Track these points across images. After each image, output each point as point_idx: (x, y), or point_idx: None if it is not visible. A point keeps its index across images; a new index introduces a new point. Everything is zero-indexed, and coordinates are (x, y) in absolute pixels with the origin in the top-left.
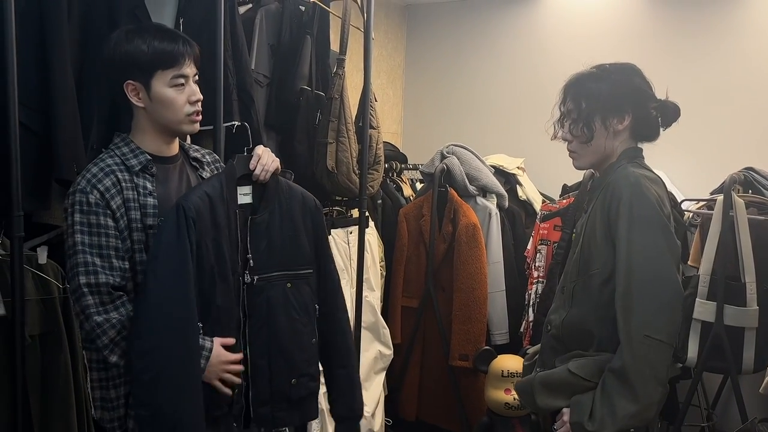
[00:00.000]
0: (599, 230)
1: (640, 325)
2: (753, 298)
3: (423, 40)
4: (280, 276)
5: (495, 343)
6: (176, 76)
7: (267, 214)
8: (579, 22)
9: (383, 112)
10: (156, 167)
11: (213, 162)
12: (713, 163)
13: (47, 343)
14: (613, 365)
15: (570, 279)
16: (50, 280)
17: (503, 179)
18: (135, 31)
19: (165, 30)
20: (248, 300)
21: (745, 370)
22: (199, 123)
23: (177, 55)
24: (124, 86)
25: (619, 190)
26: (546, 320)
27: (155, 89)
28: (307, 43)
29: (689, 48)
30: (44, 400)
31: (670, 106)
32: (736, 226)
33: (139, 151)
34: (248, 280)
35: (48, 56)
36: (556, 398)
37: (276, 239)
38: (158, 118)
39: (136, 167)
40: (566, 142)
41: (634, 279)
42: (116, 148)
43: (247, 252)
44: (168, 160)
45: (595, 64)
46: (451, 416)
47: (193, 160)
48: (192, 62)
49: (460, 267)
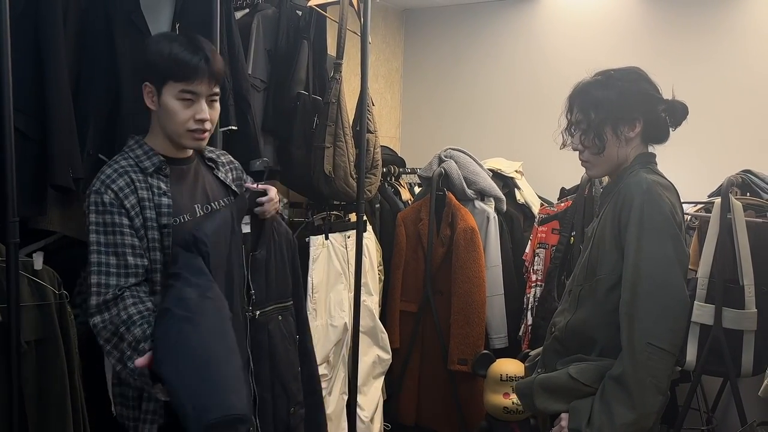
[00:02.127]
0: (609, 235)
1: (643, 332)
2: (751, 301)
3: (421, 44)
4: (274, 309)
5: (494, 347)
6: (185, 90)
7: (264, 250)
8: (577, 26)
9: (381, 116)
10: (170, 168)
11: (228, 163)
12: (711, 166)
13: (43, 348)
14: (614, 372)
15: (577, 282)
16: (46, 286)
17: (501, 183)
18: (167, 37)
19: (191, 42)
20: (251, 335)
21: (743, 373)
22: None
23: (190, 71)
24: (142, 86)
25: (631, 197)
26: (551, 322)
27: (164, 97)
28: (304, 47)
29: (686, 49)
30: (40, 406)
31: (678, 106)
32: (734, 228)
33: (153, 152)
34: (250, 315)
35: (44, 62)
36: (555, 402)
37: (271, 273)
38: (163, 125)
39: (149, 168)
40: (577, 151)
41: (641, 287)
42: (130, 151)
43: (250, 288)
44: (182, 161)
45: (598, 71)
46: (449, 421)
47: (209, 160)
48: (207, 81)
49: (458, 271)
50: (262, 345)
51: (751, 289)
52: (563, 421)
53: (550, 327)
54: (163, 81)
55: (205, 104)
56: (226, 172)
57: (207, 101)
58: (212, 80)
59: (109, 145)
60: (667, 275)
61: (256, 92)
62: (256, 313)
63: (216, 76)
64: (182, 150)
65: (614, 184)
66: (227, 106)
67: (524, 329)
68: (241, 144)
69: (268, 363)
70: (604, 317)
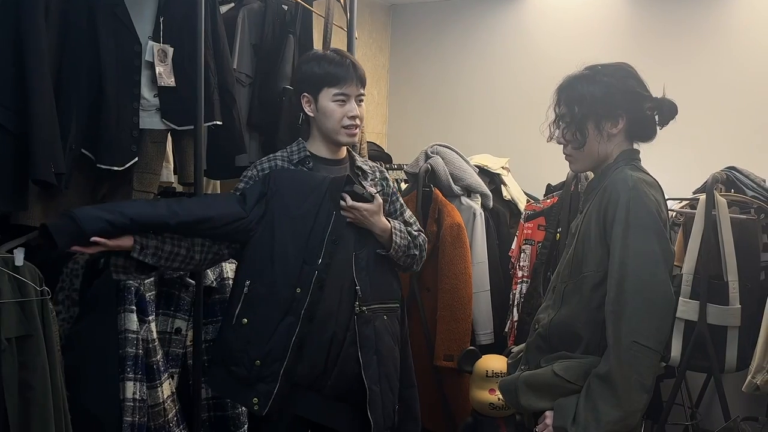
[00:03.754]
0: (594, 232)
1: (629, 330)
2: (735, 297)
3: (408, 40)
4: (380, 308)
5: (480, 343)
6: (338, 93)
7: (365, 251)
8: (564, 23)
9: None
10: (317, 165)
11: (381, 179)
12: (696, 163)
13: (24, 346)
14: (599, 370)
15: (561, 279)
16: (28, 283)
17: (488, 179)
18: (314, 56)
19: (338, 55)
20: (358, 328)
21: (728, 368)
22: (354, 135)
23: (341, 77)
24: (300, 98)
25: (616, 194)
26: (534, 318)
27: (321, 102)
28: (290, 42)
29: (673, 48)
30: (21, 404)
31: (666, 104)
32: (719, 225)
33: (304, 151)
34: (358, 310)
35: (24, 54)
36: (539, 399)
37: (375, 274)
38: (321, 126)
39: (295, 160)
40: (561, 145)
41: (627, 284)
42: (288, 147)
43: (356, 284)
44: (331, 162)
45: (587, 65)
46: (435, 417)
47: (357, 168)
48: (355, 84)
49: (444, 267)
50: (369, 339)
51: (735, 285)
52: (548, 419)
53: (534, 324)
54: (318, 89)
55: (356, 104)
56: (372, 184)
57: (356, 101)
58: (360, 83)
59: (92, 140)
60: (652, 272)
61: (242, 87)
62: (363, 309)
63: (361, 79)
64: (335, 152)
65: (598, 180)
66: (211, 100)
67: (510, 325)
68: (225, 139)
69: (376, 358)
70: (589, 314)
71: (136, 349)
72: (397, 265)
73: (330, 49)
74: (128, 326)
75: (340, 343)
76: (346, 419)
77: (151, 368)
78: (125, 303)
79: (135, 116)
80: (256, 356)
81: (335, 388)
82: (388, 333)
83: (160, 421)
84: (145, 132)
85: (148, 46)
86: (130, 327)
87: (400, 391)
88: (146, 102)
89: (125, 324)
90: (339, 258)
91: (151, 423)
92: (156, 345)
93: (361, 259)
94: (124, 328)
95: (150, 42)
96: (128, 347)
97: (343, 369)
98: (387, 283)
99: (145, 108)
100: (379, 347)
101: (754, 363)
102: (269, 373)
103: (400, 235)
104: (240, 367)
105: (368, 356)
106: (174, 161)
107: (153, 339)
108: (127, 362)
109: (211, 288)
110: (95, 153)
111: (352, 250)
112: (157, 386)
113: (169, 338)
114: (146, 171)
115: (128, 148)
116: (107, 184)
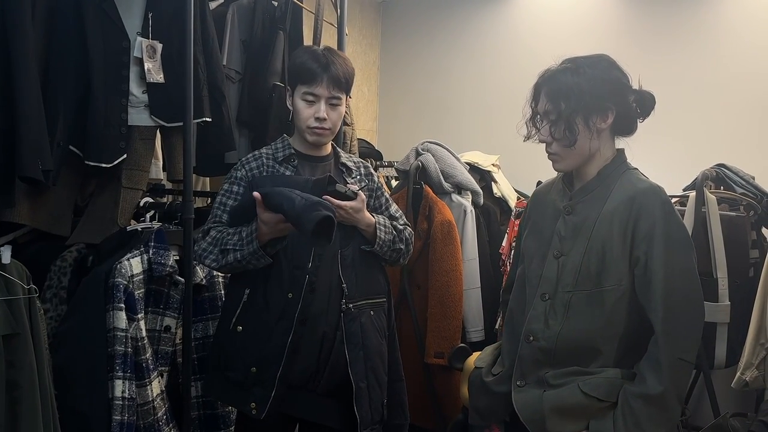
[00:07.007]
0: (618, 245)
1: (678, 349)
2: (725, 294)
3: (398, 36)
4: (366, 304)
5: (470, 341)
6: (307, 92)
7: (351, 248)
8: (554, 20)
9: (358, 108)
10: (302, 162)
11: (366, 175)
12: (685, 160)
13: (12, 344)
14: (648, 391)
15: (563, 288)
16: (14, 281)
17: (478, 176)
18: (302, 50)
19: (318, 54)
20: (345, 325)
21: (717, 365)
22: (324, 136)
23: (311, 77)
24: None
25: (651, 207)
26: (525, 329)
27: (294, 98)
28: (280, 38)
29: (661, 45)
30: (9, 402)
31: (646, 96)
32: (708, 222)
33: (289, 148)
34: (344, 307)
35: (10, 51)
36: (570, 423)
37: (360, 270)
38: (294, 121)
39: (280, 158)
40: (544, 143)
41: (674, 302)
42: (273, 144)
43: (342, 282)
44: (314, 159)
45: (565, 58)
46: (426, 414)
47: (342, 165)
48: (325, 86)
49: (435, 264)
50: (356, 335)
51: (724, 281)
52: None
53: (527, 335)
54: (294, 85)
55: (325, 106)
56: (357, 181)
57: (327, 104)
58: (333, 85)
59: (80, 137)
60: (696, 290)
61: (231, 83)
62: (349, 306)
63: (336, 81)
64: (315, 149)
65: (599, 181)
66: (201, 97)
67: (500, 322)
68: (215, 136)
69: (362, 353)
70: (611, 329)
71: (125, 348)
72: (383, 259)
73: (323, 47)
74: (117, 324)
75: (331, 341)
76: (337, 415)
77: (140, 366)
78: (114, 301)
79: (123, 113)
80: (252, 362)
81: (327, 386)
82: (374, 328)
83: (149, 420)
84: (134, 128)
85: (136, 42)
86: (118, 325)
87: (388, 385)
88: (135, 98)
89: (114, 322)
90: (326, 258)
91: (140, 421)
92: (145, 343)
93: (346, 257)
94: (113, 326)
95: (138, 38)
96: (117, 345)
97: (334, 367)
98: (373, 279)
99: (134, 104)
100: (366, 343)
101: (744, 359)
102: (266, 377)
103: (385, 230)
104: (236, 372)
105: (354, 352)
106: (163, 158)
107: (142, 337)
108: (116, 360)
109: (201, 286)
110: (83, 150)
111: (338, 249)
112: (147, 384)
113: (158, 336)
114: (135, 168)
115: (117, 145)
116: (95, 181)
